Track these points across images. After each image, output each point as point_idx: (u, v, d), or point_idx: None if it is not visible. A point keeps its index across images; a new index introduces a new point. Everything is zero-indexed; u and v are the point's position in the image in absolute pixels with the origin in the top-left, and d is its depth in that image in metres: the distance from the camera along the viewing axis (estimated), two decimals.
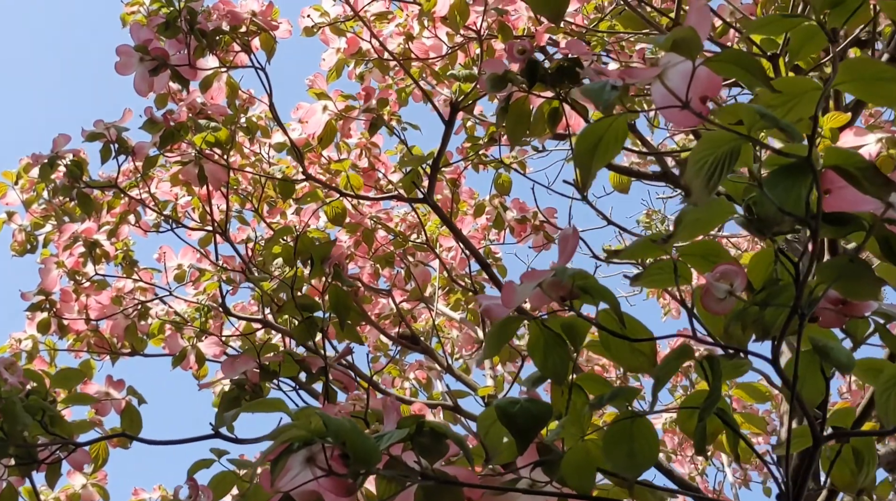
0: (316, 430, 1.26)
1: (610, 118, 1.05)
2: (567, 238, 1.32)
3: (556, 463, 1.42)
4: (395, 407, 1.38)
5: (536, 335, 1.34)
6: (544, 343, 1.34)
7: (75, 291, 3.28)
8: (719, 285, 1.19)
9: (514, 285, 1.30)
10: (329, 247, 1.98)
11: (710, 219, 1.16)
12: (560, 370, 1.33)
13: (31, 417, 2.00)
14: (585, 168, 1.07)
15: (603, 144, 1.07)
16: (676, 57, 1.02)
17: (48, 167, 2.78)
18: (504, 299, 1.30)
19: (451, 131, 2.89)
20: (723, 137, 1.05)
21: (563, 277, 1.26)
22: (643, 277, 1.29)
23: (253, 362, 2.08)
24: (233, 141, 2.80)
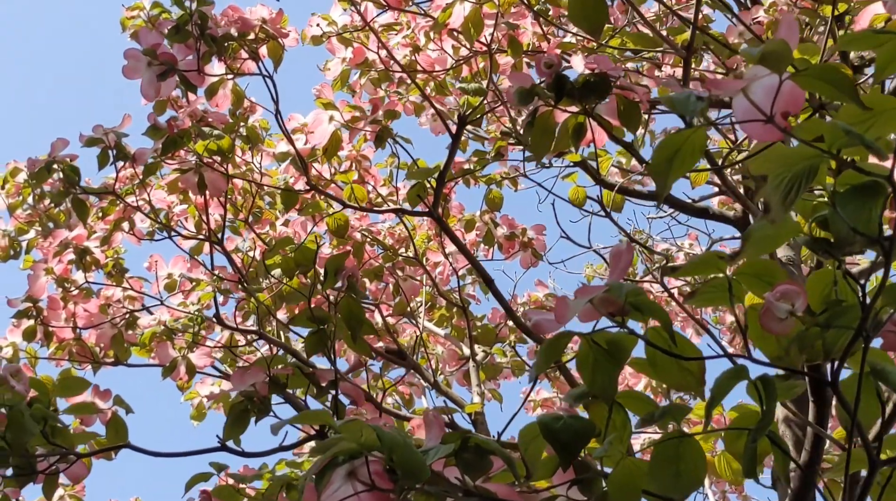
0: (366, 443, 1.23)
1: (689, 130, 1.04)
2: (620, 254, 1.31)
3: (595, 482, 1.40)
4: (439, 422, 1.35)
5: (585, 352, 1.32)
6: (593, 360, 1.31)
7: (63, 298, 3.22)
8: (780, 305, 1.18)
9: (568, 299, 1.28)
10: (343, 258, 1.95)
11: (777, 236, 1.15)
12: (608, 388, 1.31)
13: (37, 427, 1.95)
14: (661, 179, 1.05)
15: (680, 156, 1.05)
16: (762, 70, 1.00)
17: (45, 171, 2.73)
18: (557, 314, 1.28)
19: (458, 145, 2.87)
20: (801, 154, 1.03)
21: (617, 293, 1.24)
22: (698, 295, 1.28)
23: (262, 374, 2.05)
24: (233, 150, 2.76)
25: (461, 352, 4.34)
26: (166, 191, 3.02)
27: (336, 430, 1.34)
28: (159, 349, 3.20)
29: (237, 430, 2.06)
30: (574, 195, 3.57)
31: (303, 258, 2.67)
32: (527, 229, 4.09)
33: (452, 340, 4.37)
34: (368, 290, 4.09)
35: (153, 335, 3.18)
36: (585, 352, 1.32)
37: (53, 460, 2.13)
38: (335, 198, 3.01)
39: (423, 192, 2.73)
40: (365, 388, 4.18)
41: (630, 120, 1.87)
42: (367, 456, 1.28)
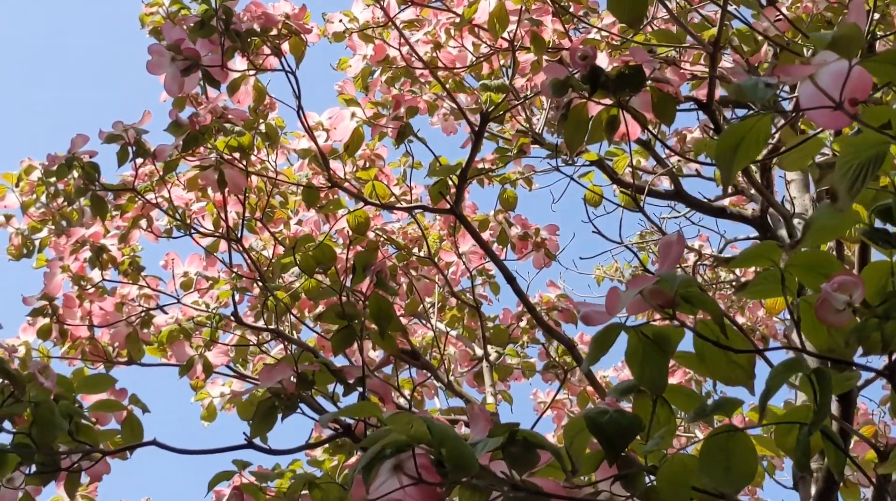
0: (415, 435, 1.21)
1: (755, 118, 1.02)
2: (671, 244, 1.29)
3: (638, 477, 1.39)
4: (485, 415, 1.34)
5: (634, 345, 1.30)
6: (642, 353, 1.30)
7: (79, 296, 3.20)
8: (838, 297, 1.16)
9: (619, 291, 1.27)
10: (372, 255, 1.94)
11: (837, 226, 1.14)
12: (657, 381, 1.30)
13: (66, 424, 1.94)
14: (726, 168, 1.03)
15: (745, 145, 1.04)
16: (831, 56, 0.99)
17: (65, 168, 2.71)
18: (608, 305, 1.26)
19: (480, 142, 2.85)
20: (868, 141, 1.02)
21: (670, 284, 1.23)
22: (750, 287, 1.26)
23: (290, 370, 2.03)
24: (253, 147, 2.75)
25: (473, 353, 4.33)
26: (185, 188, 3.00)
27: (383, 422, 1.33)
28: (176, 348, 3.18)
29: (264, 427, 2.05)
30: (590, 195, 3.56)
31: (323, 256, 2.66)
32: (540, 229, 4.07)
33: (465, 340, 4.35)
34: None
35: (171, 334, 3.15)
36: (634, 345, 1.31)
37: (76, 457, 2.12)
38: (357, 195, 2.99)
39: (446, 189, 2.71)
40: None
41: (664, 113, 1.86)
42: (415, 449, 1.27)
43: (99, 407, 2.12)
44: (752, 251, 1.22)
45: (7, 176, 3.46)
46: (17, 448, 2.00)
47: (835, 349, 1.27)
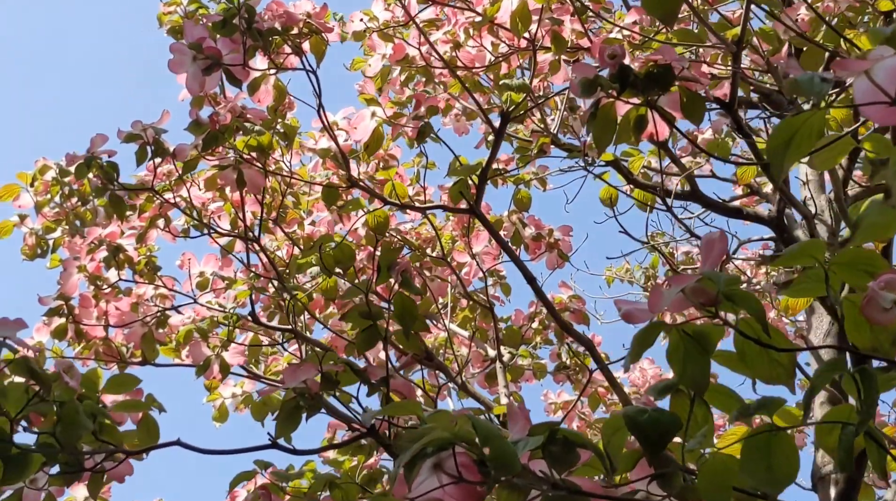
0: (459, 433, 1.21)
1: (808, 112, 1.01)
2: (713, 242, 1.28)
3: (675, 477, 1.38)
4: (524, 414, 1.33)
5: (676, 343, 1.30)
6: (684, 351, 1.29)
7: (95, 296, 3.19)
8: (885, 295, 1.15)
9: (662, 289, 1.26)
10: (396, 254, 1.93)
11: (887, 224, 1.13)
12: (699, 380, 1.29)
13: (91, 423, 1.93)
14: (777, 163, 1.03)
15: (797, 140, 1.03)
16: (887, 51, 0.98)
17: (84, 167, 2.70)
18: (651, 303, 1.26)
19: (500, 141, 2.84)
20: None
21: (715, 282, 1.22)
22: (793, 285, 1.25)
23: (315, 370, 2.02)
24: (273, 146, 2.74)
25: (486, 354, 4.32)
26: (203, 188, 2.99)
27: (424, 421, 1.32)
28: (192, 348, 3.17)
29: (289, 427, 2.03)
30: (606, 195, 3.55)
31: (342, 256, 2.65)
32: (553, 229, 4.06)
33: (477, 341, 4.34)
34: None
35: (187, 334, 3.15)
36: (676, 343, 1.30)
37: (100, 458, 2.11)
38: (377, 195, 2.98)
39: (466, 189, 2.70)
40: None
41: (693, 112, 1.85)
42: (455, 448, 1.26)
43: (122, 407, 2.11)
44: (797, 249, 1.21)
45: (22, 176, 3.46)
46: (42, 447, 1.99)
47: (878, 348, 1.26)
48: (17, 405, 1.95)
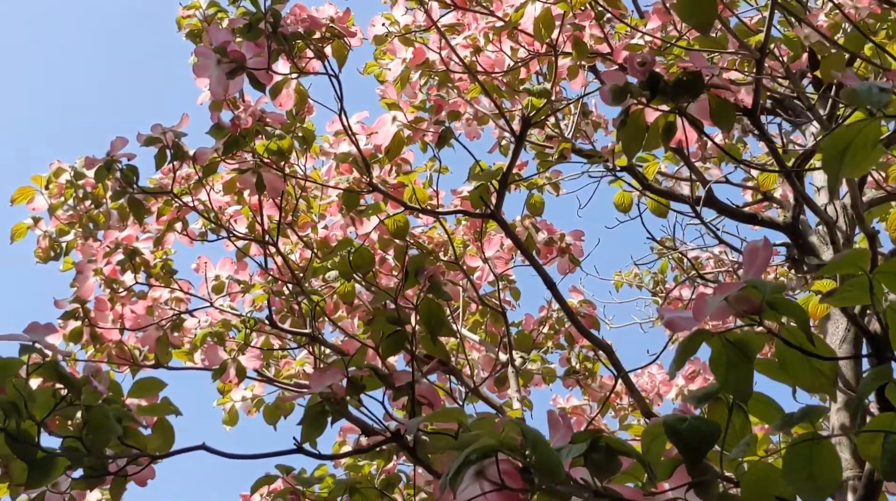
0: (505, 440, 1.21)
1: (863, 121, 1.01)
2: (756, 250, 1.28)
3: (713, 485, 1.38)
4: (566, 422, 1.33)
5: (718, 351, 1.29)
6: (727, 359, 1.29)
7: (111, 299, 3.18)
8: None
9: (706, 297, 1.26)
10: (425, 258, 1.93)
11: None
12: (743, 387, 1.29)
13: (119, 427, 1.92)
14: (833, 173, 1.03)
15: (852, 149, 1.03)
16: None
17: (104, 170, 2.70)
18: (695, 311, 1.26)
19: (521, 146, 2.84)
20: None
21: (761, 290, 1.22)
22: (838, 293, 1.25)
23: (341, 374, 2.01)
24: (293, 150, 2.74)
25: (497, 358, 4.32)
26: (222, 191, 2.99)
27: (468, 428, 1.32)
28: (209, 351, 3.17)
29: (315, 432, 2.03)
30: (620, 200, 3.55)
31: (361, 261, 2.65)
32: (565, 234, 4.05)
33: (488, 345, 4.34)
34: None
35: (205, 337, 3.14)
36: (719, 351, 1.30)
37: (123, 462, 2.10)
38: (398, 199, 2.98)
39: (486, 194, 2.70)
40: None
41: (723, 119, 1.85)
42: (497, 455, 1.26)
43: (146, 411, 2.10)
44: (841, 259, 1.21)
45: (36, 178, 3.46)
46: (68, 451, 1.99)
47: None
48: (44, 409, 1.95)
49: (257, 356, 3.21)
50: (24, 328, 1.85)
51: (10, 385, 1.90)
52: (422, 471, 2.84)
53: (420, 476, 2.72)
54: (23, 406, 1.92)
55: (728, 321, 1.38)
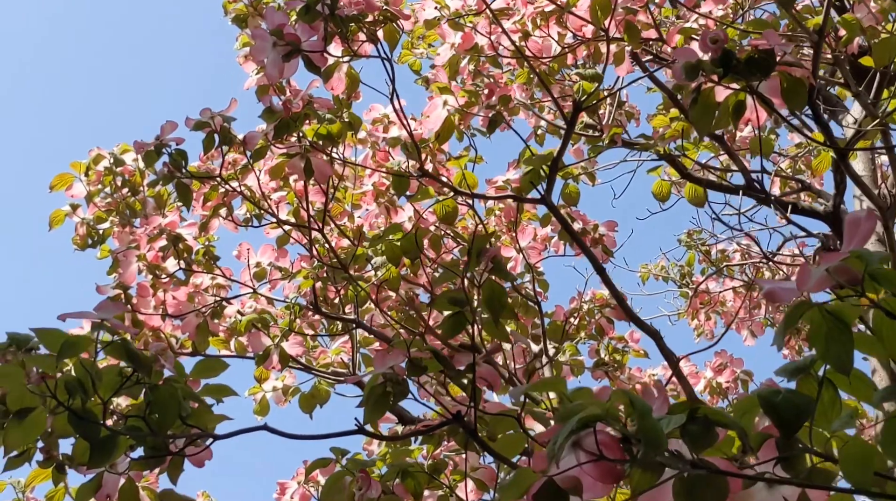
0: (611, 410, 1.20)
1: None
2: (858, 221, 1.27)
3: (800, 459, 1.37)
4: (663, 393, 1.32)
5: (818, 323, 1.29)
6: (826, 331, 1.28)
7: (153, 286, 3.18)
8: None
9: (810, 267, 1.25)
10: (486, 240, 1.92)
11: None
12: (843, 359, 1.28)
13: (188, 406, 1.92)
14: None
15: None
16: None
17: (154, 154, 2.69)
18: (799, 281, 1.25)
19: (572, 131, 2.84)
20: None
21: (864, 260, 1.21)
22: None
23: (403, 356, 2.01)
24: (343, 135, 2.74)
25: (529, 348, 4.31)
26: (269, 176, 2.99)
27: (569, 399, 1.32)
28: (253, 338, 3.17)
29: (377, 413, 2.02)
30: (658, 189, 3.55)
31: (410, 246, 2.65)
32: (599, 224, 4.05)
33: (519, 336, 4.33)
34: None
35: (249, 323, 3.14)
36: (819, 323, 1.29)
37: (185, 441, 2.10)
38: (448, 184, 2.98)
39: (537, 179, 2.70)
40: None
41: (794, 98, 1.85)
42: (595, 426, 1.25)
43: (209, 392, 2.10)
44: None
45: (76, 165, 3.46)
46: (131, 430, 1.98)
47: None
48: (109, 388, 1.95)
49: (300, 343, 3.21)
50: (94, 307, 1.84)
51: (78, 364, 1.90)
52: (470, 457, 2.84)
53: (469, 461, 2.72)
54: (89, 385, 1.92)
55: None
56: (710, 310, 5.30)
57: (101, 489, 2.22)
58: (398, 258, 2.66)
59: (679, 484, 1.31)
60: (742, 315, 5.19)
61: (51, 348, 1.88)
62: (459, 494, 2.73)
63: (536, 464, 1.26)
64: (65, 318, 1.86)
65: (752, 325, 5.35)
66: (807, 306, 1.27)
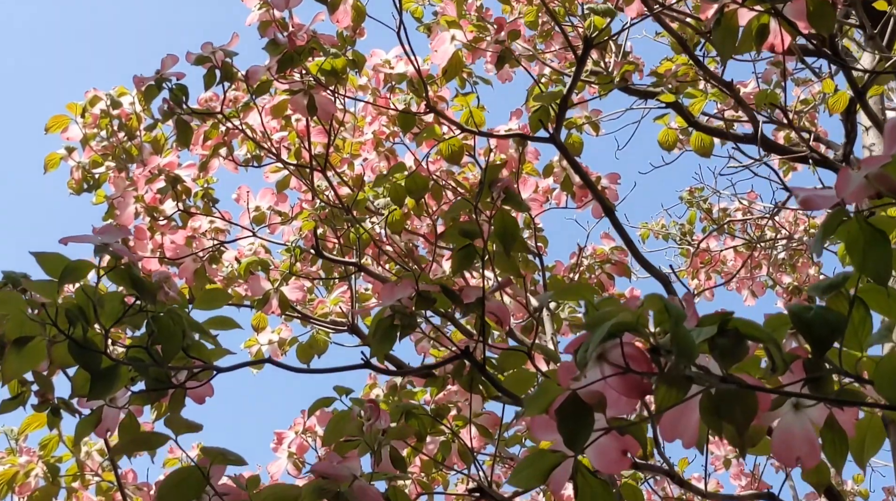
0: (643, 318, 1.15)
1: None
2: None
3: (827, 381, 1.33)
4: (692, 304, 1.27)
5: (855, 233, 1.24)
6: (864, 241, 1.24)
7: (150, 228, 3.12)
8: None
9: (850, 172, 1.20)
10: (500, 168, 1.87)
11: None
12: (882, 270, 1.23)
13: (194, 335, 1.87)
14: None
15: None
16: None
17: (154, 89, 2.63)
18: (838, 186, 1.20)
19: (583, 68, 2.78)
20: None
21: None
22: None
23: (411, 288, 1.96)
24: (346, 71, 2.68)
25: (529, 303, 4.27)
26: (271, 115, 2.92)
27: (595, 307, 1.27)
28: (252, 281, 3.11)
29: (384, 346, 1.97)
30: (664, 138, 3.49)
31: (415, 186, 2.59)
32: (601, 177, 3.99)
33: (518, 290, 4.29)
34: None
35: (249, 266, 3.08)
36: (855, 233, 1.25)
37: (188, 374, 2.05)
38: (455, 122, 2.92)
39: (546, 116, 2.64)
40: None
41: (821, 21, 1.79)
42: (622, 338, 1.21)
43: (213, 324, 2.04)
44: None
45: (72, 106, 3.38)
46: (133, 361, 1.93)
47: None
48: (111, 316, 1.89)
49: (300, 288, 3.16)
50: (96, 230, 1.78)
51: (79, 290, 1.84)
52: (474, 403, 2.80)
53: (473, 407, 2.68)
54: (91, 313, 1.87)
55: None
56: (710, 270, 5.25)
57: (100, 423, 2.16)
58: (402, 199, 2.60)
59: (706, 400, 1.27)
60: (743, 274, 5.16)
61: (51, 273, 1.83)
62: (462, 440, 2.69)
63: (562, 377, 1.21)
64: (66, 242, 1.79)
65: (752, 285, 5.32)
66: (844, 214, 1.22)
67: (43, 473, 3.53)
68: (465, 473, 2.66)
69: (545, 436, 1.26)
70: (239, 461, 1.70)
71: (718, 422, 1.26)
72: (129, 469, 3.79)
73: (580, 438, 1.21)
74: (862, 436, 1.44)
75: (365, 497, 1.67)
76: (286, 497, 1.70)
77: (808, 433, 1.38)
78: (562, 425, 1.21)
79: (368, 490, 1.68)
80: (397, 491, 1.83)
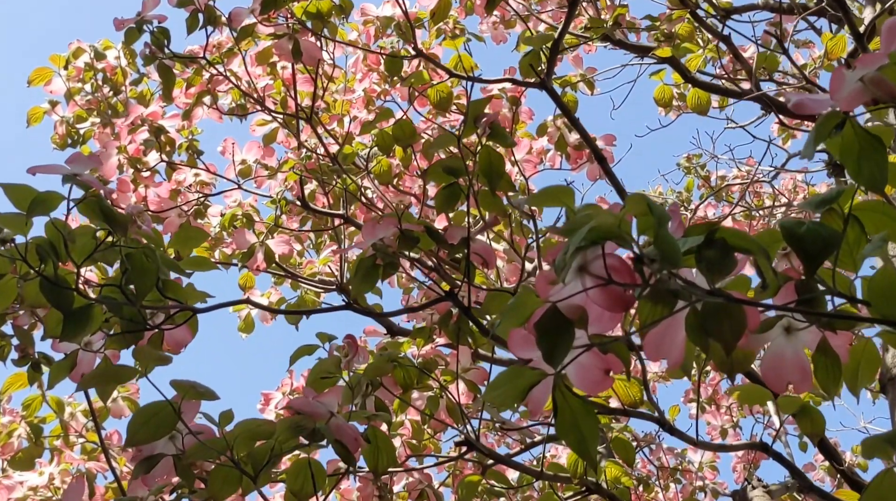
0: (625, 223, 1.09)
1: None
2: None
3: (819, 301, 1.27)
4: (677, 212, 1.21)
5: (850, 139, 1.18)
6: (859, 148, 1.18)
7: (133, 181, 3.05)
8: None
9: (845, 72, 1.14)
10: (485, 103, 1.81)
11: None
12: (877, 178, 1.17)
13: (168, 272, 1.81)
14: None
15: None
16: None
17: (135, 32, 2.56)
18: (832, 87, 1.14)
19: (574, 11, 2.71)
20: None
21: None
22: None
23: (394, 227, 1.90)
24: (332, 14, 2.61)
25: (523, 267, 4.21)
26: (255, 62, 2.85)
27: (574, 212, 1.21)
28: (237, 235, 3.04)
29: (366, 286, 1.91)
30: (660, 95, 3.43)
31: (402, 133, 2.53)
32: (597, 138, 3.92)
33: (513, 254, 4.23)
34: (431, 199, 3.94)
35: (233, 218, 3.02)
36: (850, 140, 1.19)
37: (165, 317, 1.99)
38: (443, 66, 2.85)
39: (537, 61, 2.57)
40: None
41: None
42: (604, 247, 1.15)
43: (193, 264, 1.98)
44: None
45: (55, 59, 3.31)
46: (106, 300, 1.87)
47: None
48: (83, 252, 1.83)
49: (286, 241, 3.09)
50: (65, 159, 1.72)
51: (49, 225, 1.78)
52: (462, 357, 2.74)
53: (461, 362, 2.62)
54: (62, 248, 1.81)
55: None
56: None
57: (75, 368, 2.10)
58: (390, 147, 2.54)
59: (693, 317, 1.21)
60: None
61: (19, 205, 1.76)
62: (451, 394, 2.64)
63: (540, 288, 1.15)
64: (35, 172, 1.73)
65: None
66: (838, 117, 1.16)
67: (26, 434, 3.47)
68: (456, 428, 2.60)
69: (523, 352, 1.20)
70: (210, 394, 1.64)
71: (705, 339, 1.20)
72: (114, 430, 3.74)
73: (559, 352, 1.14)
74: (856, 363, 1.39)
75: (342, 434, 1.62)
76: (260, 433, 1.65)
77: (800, 357, 1.32)
78: (541, 339, 1.15)
79: (345, 428, 1.62)
80: (377, 432, 1.78)
